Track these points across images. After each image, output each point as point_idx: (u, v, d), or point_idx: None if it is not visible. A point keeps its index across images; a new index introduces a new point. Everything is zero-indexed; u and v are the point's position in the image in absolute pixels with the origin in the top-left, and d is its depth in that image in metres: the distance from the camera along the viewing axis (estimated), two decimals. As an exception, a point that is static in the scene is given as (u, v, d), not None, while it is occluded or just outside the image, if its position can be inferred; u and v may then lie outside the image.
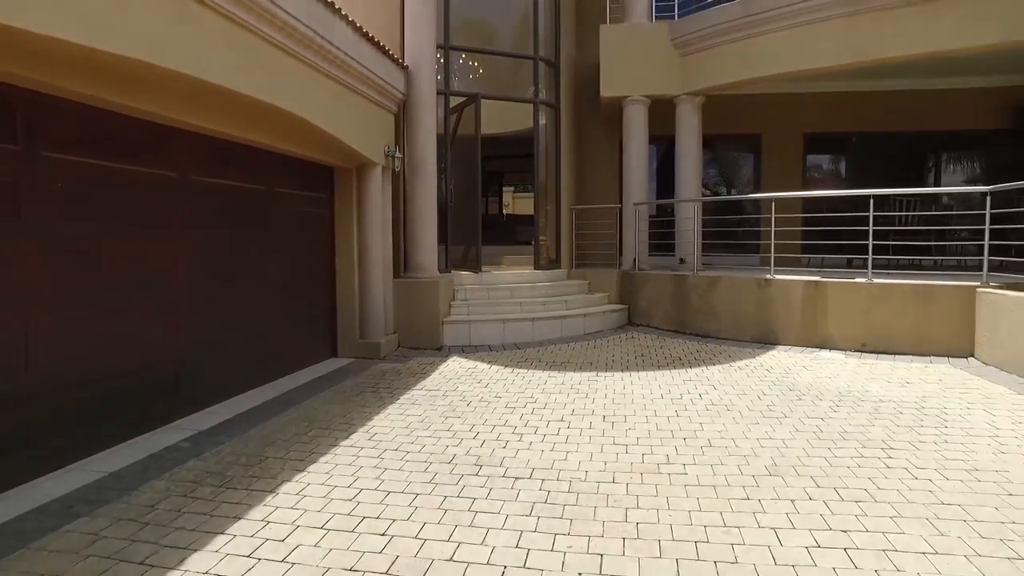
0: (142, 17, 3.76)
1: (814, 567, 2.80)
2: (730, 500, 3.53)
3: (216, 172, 5.52)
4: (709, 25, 9.30)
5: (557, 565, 2.85)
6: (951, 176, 11.76)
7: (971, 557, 2.86)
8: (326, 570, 2.81)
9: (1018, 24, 7.21)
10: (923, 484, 3.69)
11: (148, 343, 4.71)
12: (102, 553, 2.95)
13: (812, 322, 7.76)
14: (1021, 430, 4.63)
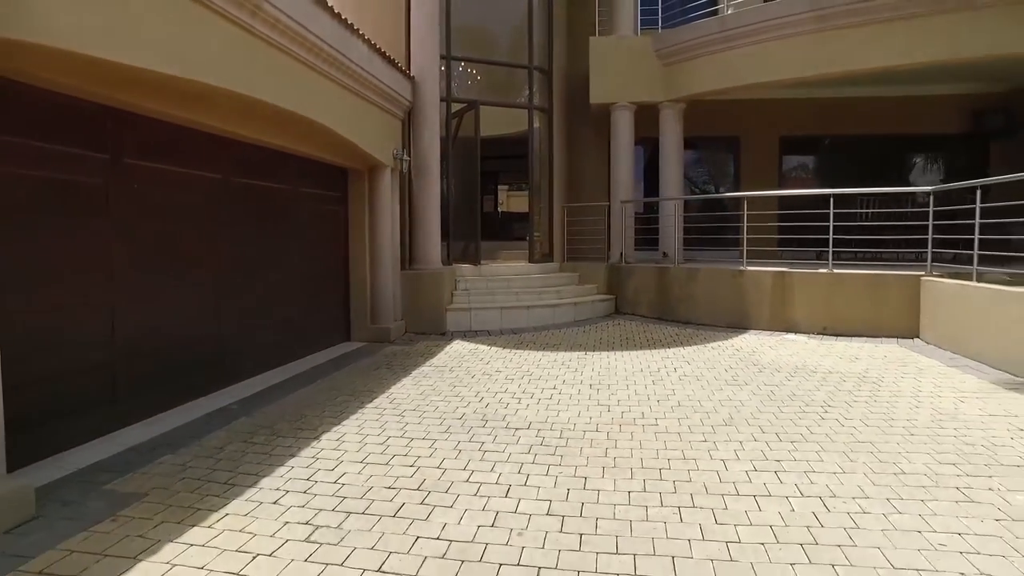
0: (207, 47, 4.55)
1: (749, 483, 3.64)
2: (690, 442, 4.36)
3: (251, 174, 6.30)
4: (689, 39, 10.14)
5: (551, 484, 3.67)
6: (914, 175, 12.64)
7: (868, 474, 3.71)
8: (370, 488, 3.61)
9: (956, 44, 8.08)
10: (847, 430, 4.54)
11: (199, 322, 5.50)
12: (192, 476, 3.75)
13: (780, 309, 8.62)
14: (937, 392, 5.49)
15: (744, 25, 9.48)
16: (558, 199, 11.46)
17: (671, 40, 10.42)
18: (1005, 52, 7.97)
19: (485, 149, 10.31)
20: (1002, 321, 6.09)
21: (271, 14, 5.22)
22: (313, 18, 5.94)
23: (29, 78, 3.63)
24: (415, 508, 3.34)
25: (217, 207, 5.75)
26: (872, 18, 8.47)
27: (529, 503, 3.41)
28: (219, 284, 5.78)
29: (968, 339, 6.70)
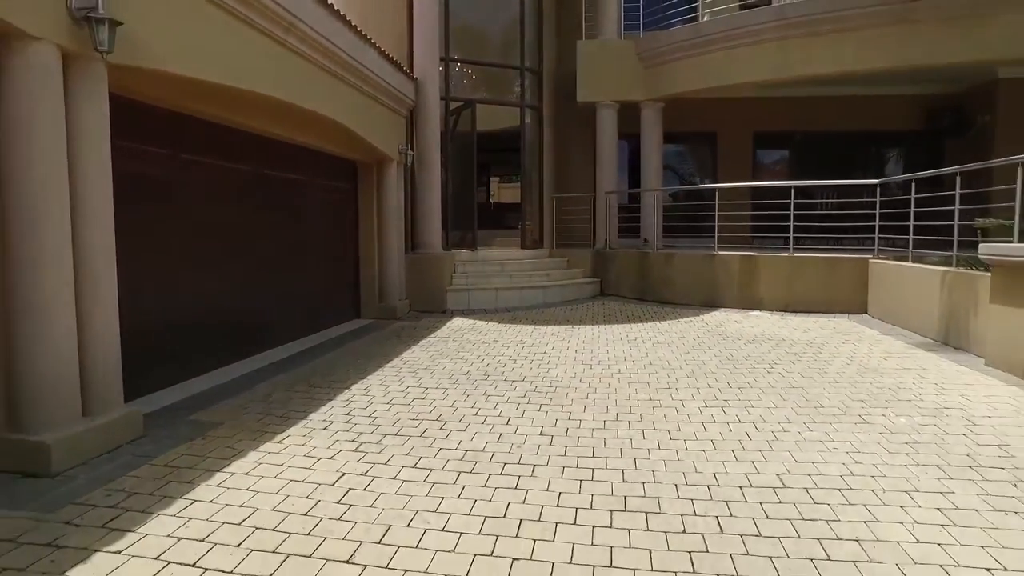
0: (254, 61, 5.43)
1: (699, 415, 4.60)
2: (656, 389, 5.33)
3: (277, 167, 7.17)
4: (667, 43, 11.07)
5: (543, 416, 4.61)
6: (876, 168, 13.63)
7: (794, 408, 4.69)
8: (398, 419, 4.54)
9: (896, 53, 9.08)
10: (786, 380, 5.52)
11: (240, 297, 6.39)
12: (253, 413, 4.67)
13: (747, 289, 9.61)
14: (868, 353, 6.48)
15: (717, 32, 10.43)
16: (548, 190, 12.39)
17: (651, 44, 11.34)
18: (936, 62, 9.01)
19: (481, 144, 11.22)
20: (923, 295, 7.10)
21: (301, 29, 6.10)
22: (336, 31, 6.82)
23: (130, 92, 4.50)
24: (436, 431, 4.28)
25: (252, 196, 6.63)
26: (826, 29, 9.44)
27: (525, 428, 4.35)
28: (254, 264, 6.66)
29: (902, 311, 7.71)
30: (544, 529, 2.90)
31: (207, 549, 2.70)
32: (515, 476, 3.52)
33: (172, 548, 2.71)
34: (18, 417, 3.49)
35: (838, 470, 3.55)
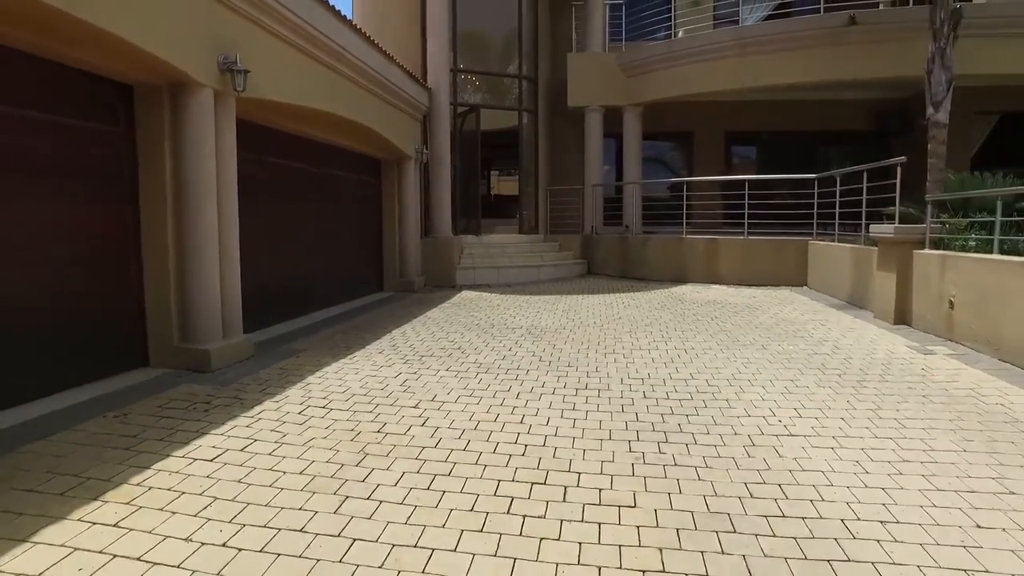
0: (315, 84, 7.18)
1: (648, 347, 6.38)
2: (620, 332, 7.11)
3: (322, 164, 8.91)
4: (645, 57, 12.80)
5: (534, 346, 6.40)
6: (832, 165, 15.33)
7: (719, 343, 6.49)
8: (430, 349, 6.30)
9: (834, 68, 10.83)
10: (719, 327, 7.31)
11: (298, 269, 8.14)
12: (323, 346, 6.44)
13: (710, 266, 11.38)
14: (791, 311, 8.28)
15: (686, 48, 12.16)
16: (543, 183, 14.14)
17: (632, 57, 13.06)
18: (866, 76, 10.76)
19: (484, 143, 12.96)
20: (841, 268, 8.88)
21: (347, 58, 7.85)
22: (369, 56, 8.57)
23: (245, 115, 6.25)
24: (459, 354, 6.06)
25: (306, 190, 8.39)
26: (777, 47, 11.18)
27: (521, 353, 6.14)
28: (305, 244, 8.41)
29: (828, 282, 9.51)
30: (534, 397, 4.70)
31: (330, 401, 4.50)
32: (515, 374, 5.32)
33: (308, 401, 4.51)
34: (189, 335, 5.28)
35: (731, 371, 5.35)
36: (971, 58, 10.23)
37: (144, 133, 5.14)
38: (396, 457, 3.56)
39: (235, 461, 3.46)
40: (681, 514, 2.93)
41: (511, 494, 3.12)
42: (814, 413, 4.28)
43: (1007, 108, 13.34)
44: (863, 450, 3.65)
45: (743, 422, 4.13)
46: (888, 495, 3.10)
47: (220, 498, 3.03)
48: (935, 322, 6.55)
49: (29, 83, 4.29)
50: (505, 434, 3.92)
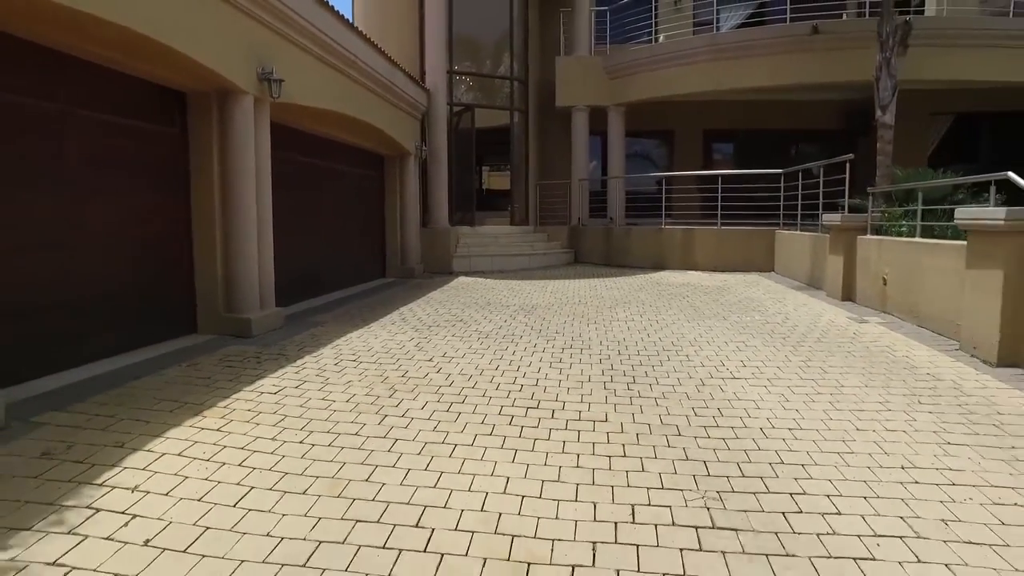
0: (332, 89, 8.08)
1: (626, 320, 7.35)
2: (601, 308, 8.08)
3: (333, 160, 9.80)
4: (628, 60, 13.76)
5: (525, 320, 7.35)
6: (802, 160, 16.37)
7: (687, 316, 7.48)
8: (435, 320, 7.25)
9: (800, 72, 11.83)
10: (688, 303, 8.30)
11: (313, 254, 9.04)
12: (342, 320, 7.37)
13: (687, 254, 12.39)
14: (755, 291, 9.28)
15: (667, 52, 13.14)
16: (532, 178, 15.08)
17: (615, 60, 14.02)
18: (828, 80, 11.77)
19: (478, 140, 13.88)
20: (802, 254, 9.90)
21: (359, 65, 8.74)
22: (376, 62, 9.47)
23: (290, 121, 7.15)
24: (461, 325, 7.00)
25: (318, 183, 9.28)
26: (747, 53, 12.19)
27: (514, 324, 7.09)
28: (318, 233, 9.30)
29: (791, 267, 10.53)
30: (527, 354, 5.67)
31: (358, 357, 5.44)
32: (511, 339, 6.28)
33: (340, 356, 5.45)
34: (233, 306, 6.20)
35: (694, 336, 6.34)
36: (922, 65, 11.31)
37: (195, 134, 6.04)
38: (419, 392, 4.51)
39: (293, 394, 4.40)
40: (640, 425, 3.90)
41: (512, 414, 4.08)
42: (756, 363, 5.27)
43: (961, 109, 14.44)
44: (788, 387, 4.65)
45: (697, 370, 5.11)
46: (799, 414, 4.09)
47: (289, 416, 3.97)
48: (873, 297, 7.58)
49: (116, 94, 5.19)
50: (505, 378, 4.88)
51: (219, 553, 2.54)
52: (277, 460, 3.35)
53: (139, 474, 3.13)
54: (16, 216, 4.25)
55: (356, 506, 2.91)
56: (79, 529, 2.64)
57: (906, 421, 3.94)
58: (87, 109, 4.92)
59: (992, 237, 5.05)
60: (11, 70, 4.20)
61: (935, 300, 6.21)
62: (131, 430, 3.62)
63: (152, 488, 3.00)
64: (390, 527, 2.75)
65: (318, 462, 3.34)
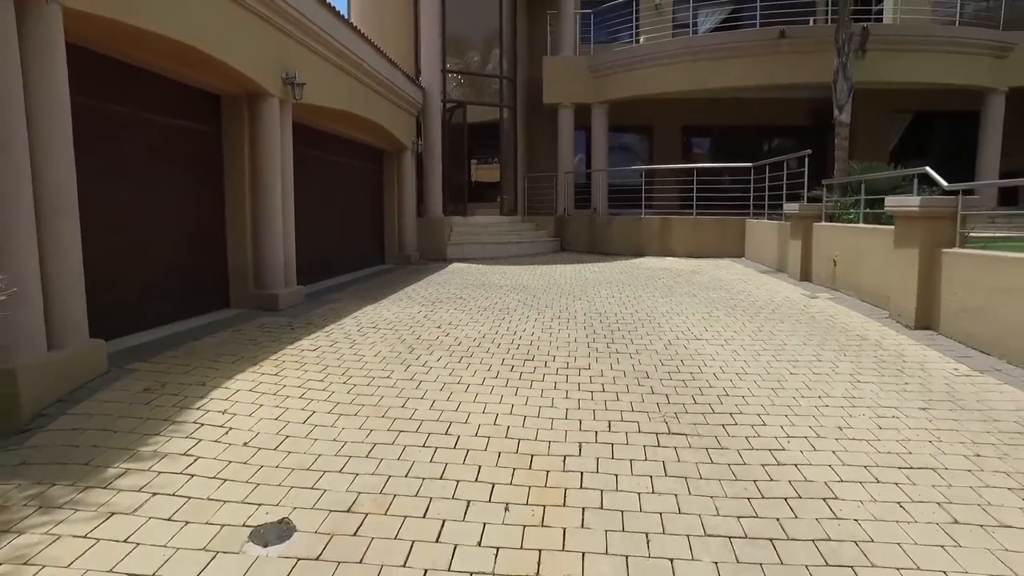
0: (343, 89, 8.90)
1: (608, 297, 8.28)
2: (585, 287, 9.01)
3: (339, 154, 10.62)
4: (609, 61, 14.65)
5: (517, 296, 8.25)
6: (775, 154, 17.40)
7: (662, 295, 8.43)
8: (438, 297, 8.13)
9: (769, 74, 12.80)
10: (666, 284, 9.25)
11: (323, 240, 9.85)
12: (355, 297, 8.23)
13: (664, 242, 13.34)
14: (726, 274, 10.25)
15: (647, 54, 14.05)
16: (521, 170, 15.95)
17: (598, 61, 14.91)
18: (795, 81, 12.74)
19: (470, 134, 14.71)
20: (769, 241, 10.89)
21: (364, 67, 9.56)
22: (379, 63, 10.29)
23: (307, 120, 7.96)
24: (461, 301, 7.89)
25: (327, 175, 10.10)
26: (721, 55, 13.13)
27: (507, 300, 7.98)
28: (326, 222, 10.12)
29: (760, 253, 11.52)
30: (521, 323, 6.58)
31: (376, 325, 6.32)
32: (506, 311, 7.17)
33: (360, 325, 6.32)
34: (261, 283, 7.04)
35: (665, 309, 7.27)
36: (880, 67, 12.33)
37: (228, 132, 6.86)
38: (434, 349, 5.41)
39: (329, 351, 5.27)
40: (616, 371, 4.83)
41: (512, 364, 4.99)
42: (716, 329, 6.22)
43: (920, 108, 15.51)
44: (741, 345, 5.59)
45: (666, 334, 6.04)
46: (746, 364, 5.03)
47: (330, 366, 4.85)
48: (825, 277, 8.56)
49: (167, 98, 6.00)
50: (503, 339, 5.79)
51: (301, 450, 3.44)
52: (329, 394, 4.24)
53: (224, 403, 4.00)
54: (102, 203, 5.06)
55: (397, 422, 3.81)
56: (193, 435, 3.52)
57: (831, 367, 4.90)
58: (147, 111, 5.73)
59: (910, 221, 6.02)
60: (94, 80, 5.00)
61: (872, 277, 7.19)
62: (207, 375, 4.48)
63: (237, 412, 3.88)
64: (426, 435, 3.65)
65: (362, 395, 4.24)
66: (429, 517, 2.81)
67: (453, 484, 3.10)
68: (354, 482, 3.10)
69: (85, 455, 3.26)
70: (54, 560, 2.45)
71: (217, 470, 3.18)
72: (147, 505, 2.84)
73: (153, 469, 3.14)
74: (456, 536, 2.67)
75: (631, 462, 3.34)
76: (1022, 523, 2.73)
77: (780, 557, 2.53)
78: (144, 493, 2.94)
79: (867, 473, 3.19)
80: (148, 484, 3.01)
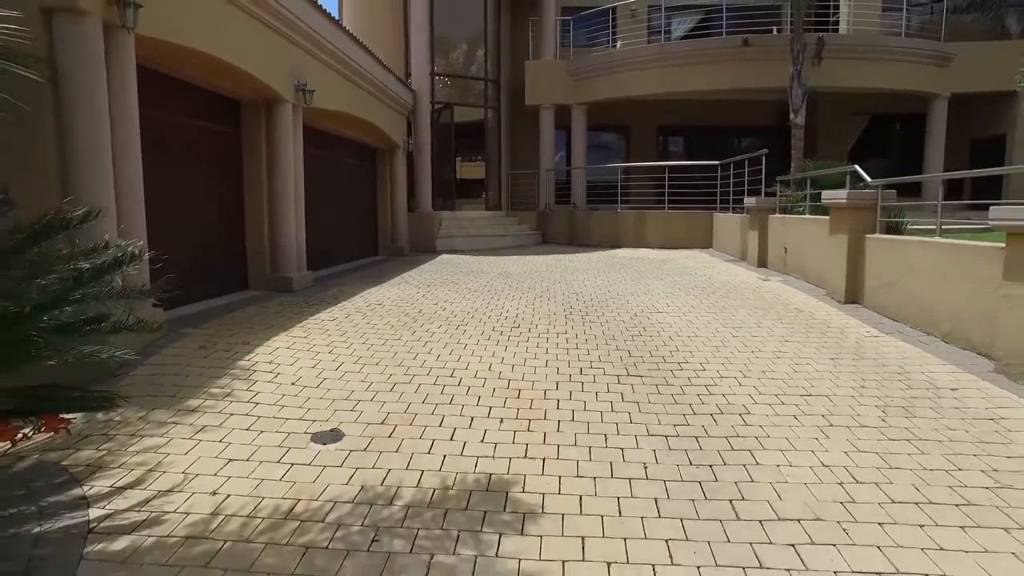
0: (348, 95, 9.78)
1: (585, 280, 9.26)
2: (564, 273, 9.98)
3: (338, 152, 11.48)
4: (587, 65, 15.63)
5: (504, 281, 9.20)
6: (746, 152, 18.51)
7: (632, 278, 9.43)
8: (434, 280, 9.04)
9: (735, 79, 13.86)
10: (637, 270, 10.25)
11: (324, 232, 10.71)
12: (358, 281, 9.13)
13: (638, 234, 14.35)
14: (693, 263, 11.29)
15: (623, 58, 15.05)
16: (504, 168, 16.89)
17: (577, 65, 15.88)
18: (759, 85, 13.81)
19: (457, 134, 15.62)
20: (733, 232, 11.94)
21: (364, 75, 10.44)
22: (378, 71, 11.18)
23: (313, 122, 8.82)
24: (453, 285, 8.81)
25: (328, 172, 10.97)
26: (691, 61, 14.18)
27: (496, 283, 8.93)
28: (326, 216, 10.97)
29: (725, 244, 12.58)
30: (507, 300, 7.53)
31: (381, 302, 7.24)
32: (494, 292, 8.12)
33: (367, 302, 7.23)
34: (276, 267, 7.92)
35: (633, 290, 8.26)
36: (835, 74, 13.45)
37: (247, 133, 7.73)
38: (434, 320, 6.34)
39: (345, 322, 6.19)
40: (589, 335, 5.80)
41: (501, 330, 5.94)
42: (676, 305, 7.22)
43: (876, 110, 16.68)
44: (695, 316, 6.59)
45: (632, 308, 7.03)
46: (697, 329, 6.03)
47: (349, 331, 5.77)
48: (778, 263, 9.61)
49: (198, 104, 6.87)
50: (492, 313, 6.73)
51: (338, 387, 4.36)
52: (352, 351, 5.16)
53: (268, 356, 4.91)
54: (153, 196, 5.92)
55: (412, 369, 4.75)
56: (250, 379, 4.44)
57: (767, 332, 5.91)
58: (183, 116, 6.59)
59: (840, 211, 7.07)
60: (149, 91, 5.87)
61: (814, 261, 8.24)
62: (249, 337, 5.38)
63: (281, 363, 4.80)
64: (435, 376, 4.60)
65: (379, 352, 5.17)
66: (444, 426, 3.76)
67: (460, 407, 4.05)
68: (383, 407, 4.04)
69: (170, 391, 4.16)
70: (174, 450, 3.37)
71: (275, 400, 4.10)
72: (229, 421, 3.76)
73: (226, 399, 4.06)
74: (465, 437, 3.62)
75: (596, 393, 4.30)
76: (875, 424, 3.75)
77: (700, 446, 3.51)
78: (224, 415, 3.85)
79: (776, 399, 4.19)
80: (225, 409, 3.92)
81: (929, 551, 2.53)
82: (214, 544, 2.56)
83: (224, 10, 6.23)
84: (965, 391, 4.28)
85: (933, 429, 3.68)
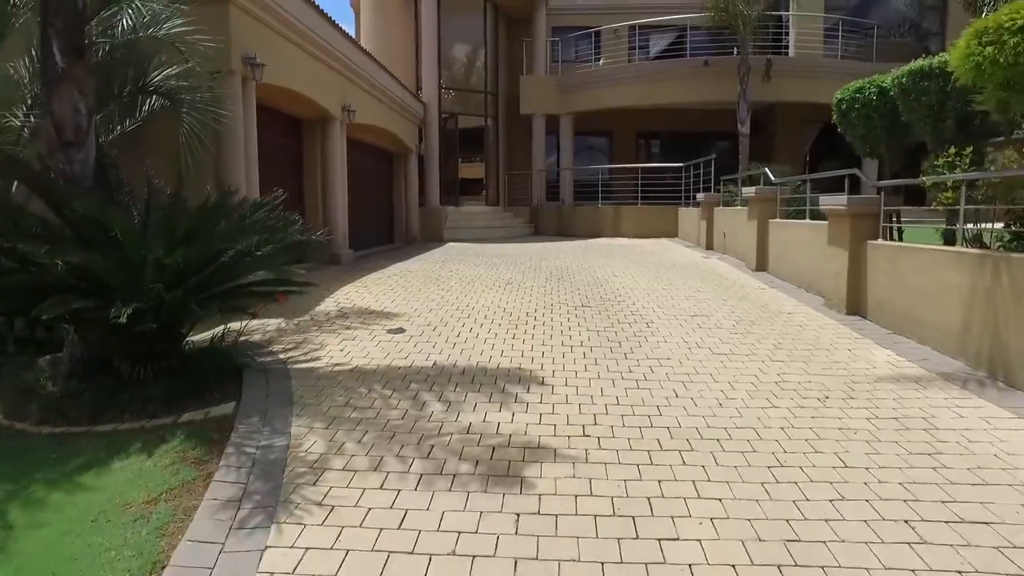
0: (374, 111, 12.19)
1: (566, 260, 11.69)
2: (551, 255, 12.41)
3: (366, 156, 13.88)
4: (573, 81, 18.06)
5: (503, 260, 11.63)
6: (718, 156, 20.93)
7: (605, 259, 11.87)
8: (447, 257, 11.46)
9: (701, 93, 16.30)
10: (608, 253, 12.68)
11: (356, 222, 13.11)
12: (387, 259, 11.55)
13: (616, 225, 16.78)
14: (664, 251, 13.71)
15: (605, 75, 17.49)
16: (502, 168, 19.32)
17: (565, 80, 18.31)
18: (719, 99, 16.26)
19: (460, 139, 18.03)
20: (693, 224, 14.38)
21: (387, 93, 12.86)
22: (396, 89, 13.60)
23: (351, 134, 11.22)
24: (464, 261, 11.23)
25: (361, 174, 13.37)
26: (662, 78, 16.62)
27: (496, 260, 11.35)
28: (359, 207, 13.36)
29: (686, 233, 15.03)
30: (505, 271, 9.99)
31: (409, 270, 9.69)
32: (495, 266, 10.56)
33: (399, 270, 9.68)
34: (329, 245, 10.36)
35: (600, 264, 10.70)
36: (782, 90, 15.91)
37: (306, 144, 10.15)
38: (452, 280, 8.78)
39: (387, 280, 8.63)
40: (562, 289, 8.25)
41: (499, 287, 8.39)
42: (631, 274, 9.65)
43: (827, 119, 19.11)
44: (644, 280, 9.02)
45: (597, 275, 9.46)
46: (643, 288, 8.47)
47: (391, 285, 8.22)
48: (719, 246, 12.05)
49: (277, 124, 9.29)
50: (493, 277, 9.17)
51: (393, 308, 6.80)
52: (396, 294, 7.61)
53: (343, 294, 7.37)
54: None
55: (439, 302, 7.21)
56: (339, 302, 6.88)
57: (688, 286, 8.36)
58: (271, 134, 9.02)
59: (754, 203, 9.51)
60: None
61: (740, 243, 10.68)
62: (328, 287, 7.84)
63: (352, 297, 7.24)
64: (456, 307, 7.04)
65: (416, 294, 7.62)
66: (464, 328, 6.19)
67: (473, 321, 6.48)
68: (428, 319, 6.48)
69: (302, 312, 6.60)
70: (312, 337, 5.81)
71: (360, 312, 6.55)
72: (337, 323, 6.20)
73: (329, 308, 6.50)
74: (479, 332, 6.05)
75: (561, 316, 6.74)
76: (729, 327, 6.20)
77: (617, 334, 5.95)
78: (333, 321, 6.28)
79: (672, 316, 6.63)
80: (333, 312, 6.36)
81: (730, 363, 4.99)
82: (351, 370, 5.00)
83: (301, 57, 8.65)
84: (796, 315, 6.73)
85: (767, 329, 6.13)
